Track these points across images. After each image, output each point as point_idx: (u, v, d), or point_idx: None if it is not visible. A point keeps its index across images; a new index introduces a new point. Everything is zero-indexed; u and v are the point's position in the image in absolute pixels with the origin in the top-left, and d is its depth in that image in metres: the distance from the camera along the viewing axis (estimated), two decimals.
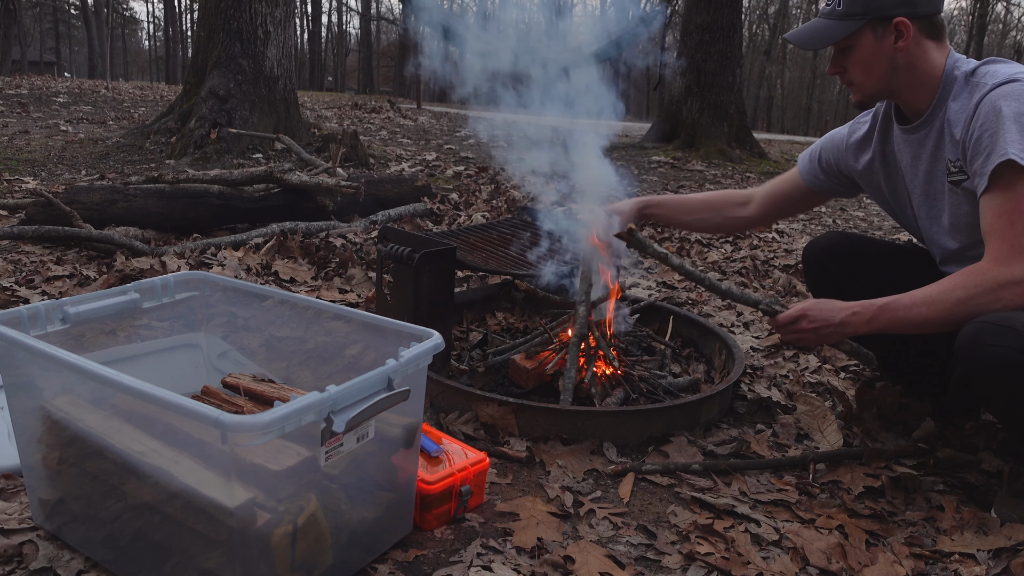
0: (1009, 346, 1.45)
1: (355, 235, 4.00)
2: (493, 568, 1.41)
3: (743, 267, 4.09)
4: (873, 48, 1.72)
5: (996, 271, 1.54)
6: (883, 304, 1.65)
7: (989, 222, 1.58)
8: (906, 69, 1.73)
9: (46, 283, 2.94)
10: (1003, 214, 1.55)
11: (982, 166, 1.58)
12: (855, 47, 1.74)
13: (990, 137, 1.57)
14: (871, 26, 1.70)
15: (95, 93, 12.17)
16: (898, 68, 1.73)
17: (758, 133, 15.75)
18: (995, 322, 1.49)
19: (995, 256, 1.56)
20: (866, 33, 1.71)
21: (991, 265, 1.56)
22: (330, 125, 9.78)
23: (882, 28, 1.70)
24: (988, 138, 1.57)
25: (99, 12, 36.61)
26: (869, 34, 1.71)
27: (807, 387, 2.41)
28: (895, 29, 1.69)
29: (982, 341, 1.49)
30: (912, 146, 1.82)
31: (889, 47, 1.71)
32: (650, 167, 9.06)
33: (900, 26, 1.69)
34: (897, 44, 1.70)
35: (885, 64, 1.73)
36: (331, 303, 1.63)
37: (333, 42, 50.53)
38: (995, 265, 1.55)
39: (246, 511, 1.12)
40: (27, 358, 1.33)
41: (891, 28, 1.69)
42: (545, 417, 1.92)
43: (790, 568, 1.47)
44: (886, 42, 1.71)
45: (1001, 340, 1.46)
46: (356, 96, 22.75)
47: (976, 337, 1.50)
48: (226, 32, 6.96)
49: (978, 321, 1.52)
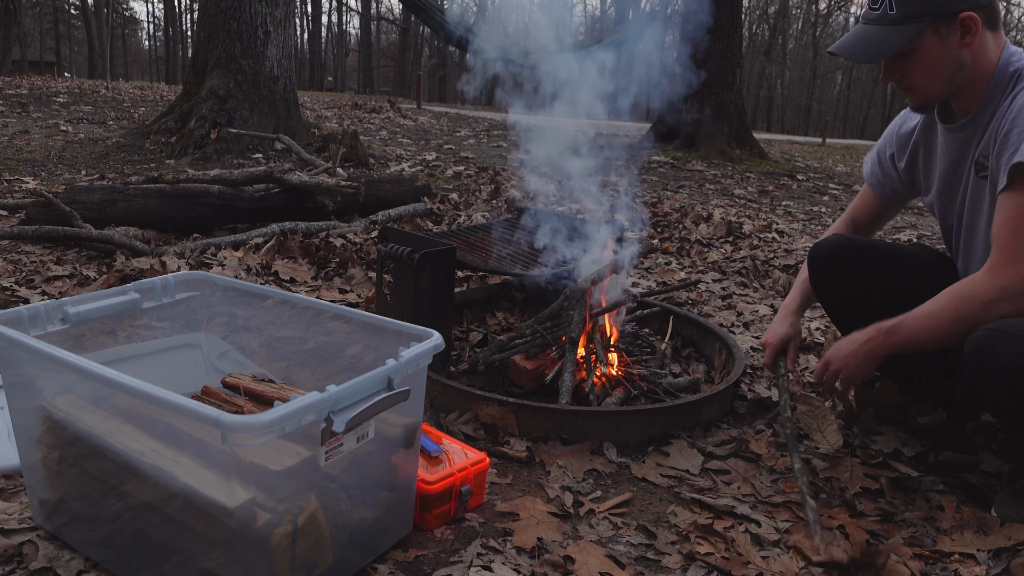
0: (1018, 354, 1.42)
1: (355, 235, 4.00)
2: (493, 568, 1.41)
3: (743, 267, 4.09)
4: (938, 49, 1.56)
5: (990, 282, 1.51)
6: (891, 327, 1.62)
7: (997, 224, 1.52)
8: (971, 66, 1.58)
9: (46, 283, 2.94)
10: (1010, 220, 1.50)
11: (1006, 161, 1.50)
12: (917, 51, 1.57)
13: (1018, 134, 1.48)
14: (934, 26, 1.54)
15: (95, 93, 12.17)
16: (963, 67, 1.58)
17: (758, 133, 15.76)
18: (1003, 329, 1.46)
19: (991, 266, 1.52)
20: (928, 35, 1.55)
21: (985, 276, 1.52)
22: (330, 125, 9.78)
23: (946, 26, 1.54)
24: (1017, 135, 1.49)
25: (99, 12, 36.62)
26: (932, 35, 1.55)
27: (807, 387, 2.42)
28: (961, 25, 1.53)
29: (990, 348, 1.46)
30: (958, 145, 1.70)
31: (955, 45, 1.55)
32: (650, 167, 9.07)
33: (967, 21, 1.53)
34: (964, 40, 1.55)
35: (951, 64, 1.57)
36: (331, 303, 1.63)
37: (333, 42, 50.55)
38: (989, 276, 1.51)
39: (246, 511, 1.12)
40: (27, 358, 1.33)
41: (956, 25, 1.54)
42: (545, 417, 1.92)
43: (790, 568, 1.47)
44: (951, 40, 1.55)
45: (1009, 348, 1.43)
46: (356, 96, 22.75)
47: (984, 344, 1.47)
48: (226, 32, 6.96)
49: (986, 328, 1.49)
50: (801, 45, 46.76)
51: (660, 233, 4.87)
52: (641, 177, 8.06)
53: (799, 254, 4.48)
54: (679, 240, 4.67)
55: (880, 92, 42.30)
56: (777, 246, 4.73)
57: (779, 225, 5.53)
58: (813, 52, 42.84)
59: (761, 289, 3.70)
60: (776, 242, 4.86)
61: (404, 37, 43.47)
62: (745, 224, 5.28)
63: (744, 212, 6.09)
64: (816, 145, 18.66)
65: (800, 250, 4.62)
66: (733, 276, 3.92)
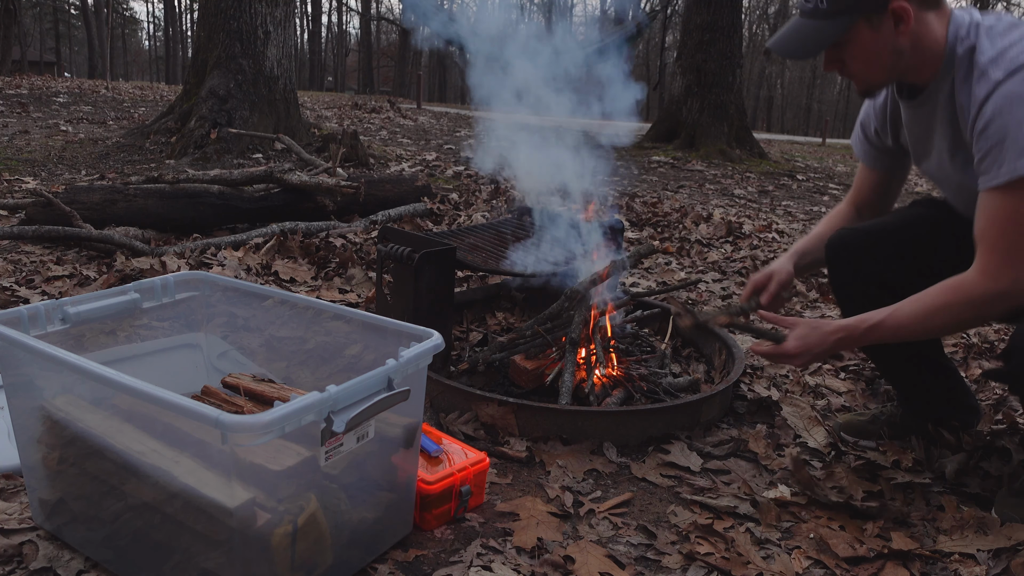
0: None
1: (355, 235, 4.00)
2: (493, 568, 1.41)
3: (743, 267, 4.09)
4: (873, 40, 1.55)
5: (985, 286, 1.49)
6: (869, 326, 1.61)
7: (984, 226, 1.51)
8: (911, 51, 1.56)
9: (46, 283, 2.94)
10: (998, 220, 1.48)
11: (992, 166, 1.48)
12: (852, 42, 1.57)
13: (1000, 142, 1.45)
14: (865, 18, 1.53)
15: (95, 93, 12.17)
16: (902, 52, 1.56)
17: (758, 133, 15.76)
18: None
19: (984, 269, 1.50)
20: (861, 26, 1.54)
21: (979, 279, 1.50)
22: (330, 125, 9.78)
23: (878, 17, 1.53)
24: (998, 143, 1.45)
25: (99, 12, 36.62)
26: (865, 26, 1.54)
27: (806, 387, 2.42)
28: (893, 14, 1.52)
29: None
30: (922, 120, 1.69)
31: (889, 34, 1.54)
32: (650, 167, 9.07)
33: (898, 11, 1.52)
34: (899, 29, 1.53)
35: (888, 52, 1.56)
36: (331, 303, 1.63)
37: (333, 42, 50.56)
38: (983, 279, 1.50)
39: (246, 511, 1.12)
40: (27, 358, 1.33)
41: (888, 15, 1.52)
42: (545, 417, 1.92)
43: (790, 568, 1.47)
44: (885, 30, 1.54)
45: None
46: (356, 96, 22.75)
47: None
48: (226, 32, 6.96)
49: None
50: None
51: (660, 233, 4.87)
52: (641, 177, 8.06)
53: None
54: (679, 240, 4.67)
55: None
56: (777, 246, 4.73)
57: (779, 225, 5.53)
58: None
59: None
60: (776, 242, 4.86)
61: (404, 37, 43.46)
62: (745, 224, 5.28)
63: (744, 212, 6.09)
64: (816, 145, 18.67)
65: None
66: (733, 276, 3.92)
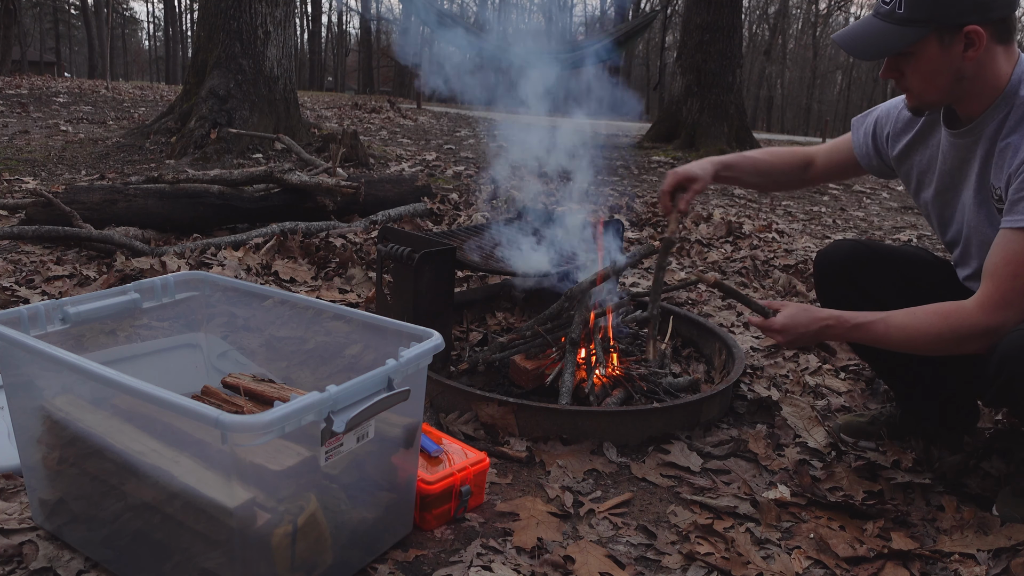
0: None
1: (355, 235, 4.00)
2: (493, 568, 1.41)
3: (743, 267, 4.09)
4: (938, 58, 1.51)
5: (977, 318, 1.49)
6: (858, 324, 1.61)
7: (995, 262, 1.49)
8: (972, 79, 1.53)
9: (46, 283, 2.94)
10: (1012, 261, 1.47)
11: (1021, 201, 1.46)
12: (918, 55, 1.52)
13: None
14: (937, 34, 1.49)
15: (95, 93, 12.17)
16: (963, 78, 1.53)
17: (758, 133, 15.75)
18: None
19: (983, 302, 1.50)
20: (931, 42, 1.50)
21: (975, 310, 1.50)
22: (330, 125, 9.78)
23: (950, 36, 1.49)
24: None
25: (99, 12, 36.63)
26: (935, 42, 1.50)
27: (806, 388, 2.42)
28: (965, 38, 1.48)
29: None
30: (959, 151, 1.66)
31: (957, 56, 1.50)
32: (650, 167, 9.06)
33: (972, 35, 1.47)
34: (967, 53, 1.50)
35: (950, 75, 1.53)
36: (331, 303, 1.63)
37: (333, 42, 50.53)
38: (979, 311, 1.49)
39: (246, 511, 1.12)
40: (27, 358, 1.33)
41: (960, 37, 1.48)
42: (545, 417, 1.92)
43: (790, 568, 1.47)
44: (954, 51, 1.50)
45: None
46: (356, 96, 22.75)
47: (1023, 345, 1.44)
48: (226, 32, 6.96)
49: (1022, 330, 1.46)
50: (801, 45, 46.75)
51: (660, 233, 4.87)
52: (641, 177, 8.06)
53: (799, 254, 4.48)
54: (679, 240, 4.67)
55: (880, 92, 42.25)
56: (777, 246, 4.73)
57: (779, 225, 5.53)
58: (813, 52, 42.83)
59: (761, 289, 3.70)
60: (776, 242, 4.86)
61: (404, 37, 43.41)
62: (745, 224, 5.28)
63: (744, 212, 6.09)
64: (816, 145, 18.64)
65: (800, 250, 4.62)
66: (733, 276, 3.92)
